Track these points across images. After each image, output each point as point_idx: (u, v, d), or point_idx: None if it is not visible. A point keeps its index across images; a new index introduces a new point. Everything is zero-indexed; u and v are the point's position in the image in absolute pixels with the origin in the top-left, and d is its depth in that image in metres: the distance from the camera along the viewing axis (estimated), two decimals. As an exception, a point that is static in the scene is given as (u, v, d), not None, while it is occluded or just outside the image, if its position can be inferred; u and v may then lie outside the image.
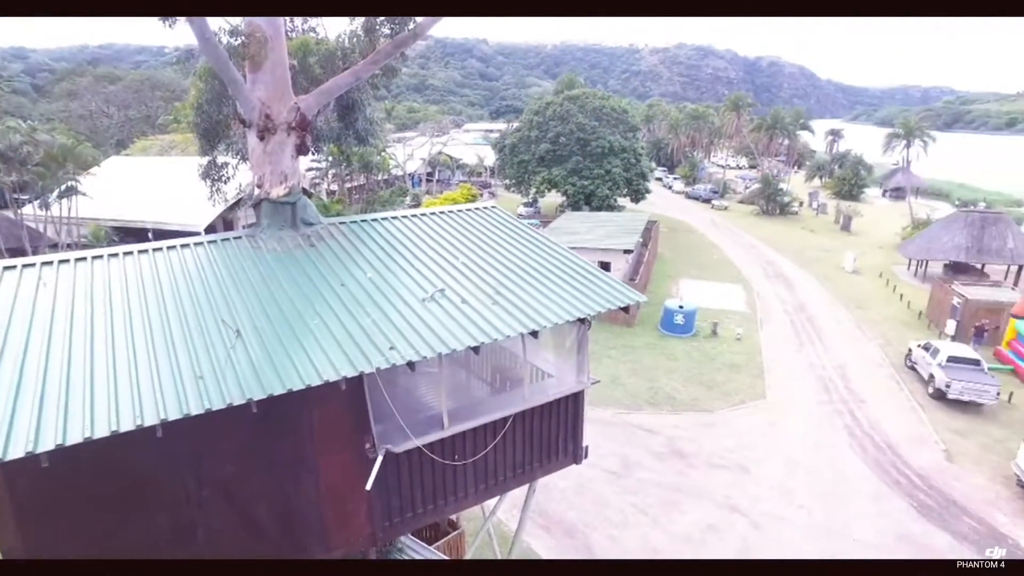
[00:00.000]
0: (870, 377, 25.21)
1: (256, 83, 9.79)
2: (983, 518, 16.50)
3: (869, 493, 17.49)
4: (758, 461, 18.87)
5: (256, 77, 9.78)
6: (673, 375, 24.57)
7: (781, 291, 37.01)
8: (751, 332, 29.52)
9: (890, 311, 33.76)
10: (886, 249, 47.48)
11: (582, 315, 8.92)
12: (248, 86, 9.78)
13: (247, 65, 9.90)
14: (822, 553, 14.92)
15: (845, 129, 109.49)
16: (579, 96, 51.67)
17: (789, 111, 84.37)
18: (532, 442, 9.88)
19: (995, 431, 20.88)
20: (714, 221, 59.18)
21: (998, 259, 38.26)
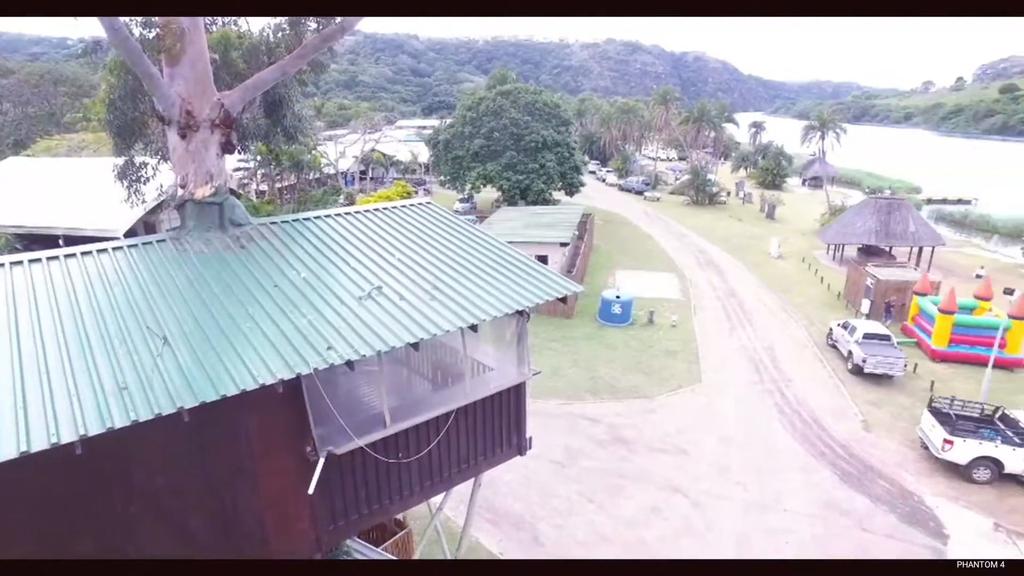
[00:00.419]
0: (796, 356, 26.58)
1: (175, 78, 9.34)
2: (894, 479, 17.80)
3: (798, 465, 18.46)
4: (696, 442, 19.58)
5: (174, 72, 9.33)
6: (613, 364, 25.13)
7: (712, 278, 38.43)
8: (686, 319, 30.54)
9: (812, 293, 35.67)
10: (807, 235, 50.08)
11: (520, 307, 9.02)
12: (166, 81, 9.32)
13: (164, 59, 9.44)
14: (755, 525, 15.66)
15: (767, 122, 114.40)
16: (512, 91, 51.89)
17: (714, 104, 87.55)
18: (476, 436, 9.93)
19: (903, 400, 22.46)
20: (647, 212, 60.76)
21: (902, 242, 41.11)
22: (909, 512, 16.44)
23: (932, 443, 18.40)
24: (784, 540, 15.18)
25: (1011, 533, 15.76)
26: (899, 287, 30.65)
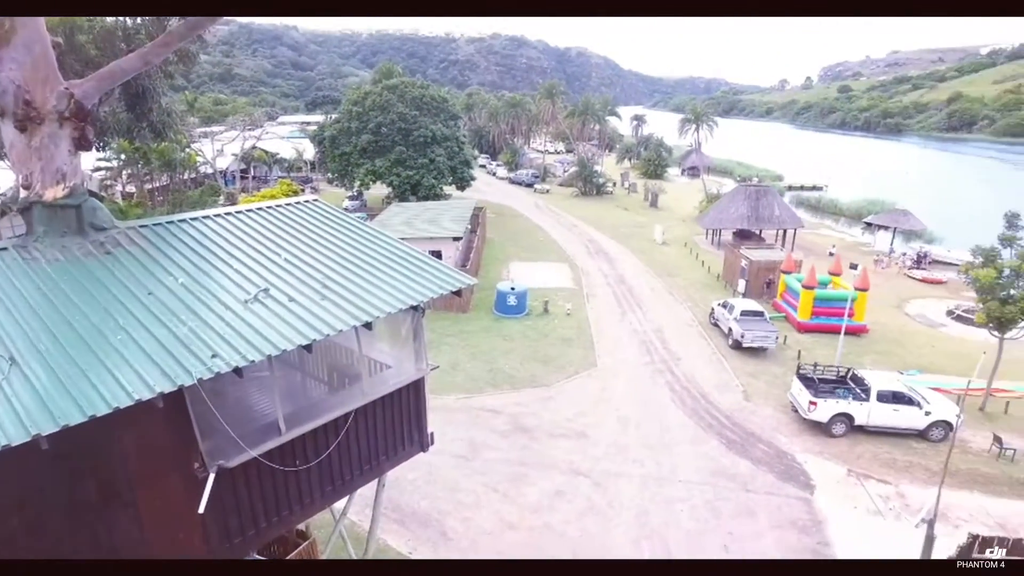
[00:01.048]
0: (683, 336, 28.32)
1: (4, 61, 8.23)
2: (771, 442, 19.54)
3: (689, 438, 19.74)
4: (595, 425, 20.38)
5: (4, 54, 8.24)
6: (511, 355, 25.54)
7: (603, 266, 40.00)
8: (579, 307, 31.60)
9: (695, 276, 38.11)
10: (687, 221, 53.35)
11: (415, 302, 8.95)
12: (-7, 64, 8.20)
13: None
14: (653, 497, 16.58)
15: (647, 115, 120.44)
16: (398, 86, 51.01)
17: (598, 98, 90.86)
18: (377, 436, 9.76)
19: (776, 369, 24.64)
20: (537, 204, 62.07)
21: (770, 225, 45.03)
22: (784, 470, 18.09)
23: (800, 406, 20.36)
24: (680, 508, 16.19)
25: (859, 476, 17.83)
26: (769, 267, 33.48)
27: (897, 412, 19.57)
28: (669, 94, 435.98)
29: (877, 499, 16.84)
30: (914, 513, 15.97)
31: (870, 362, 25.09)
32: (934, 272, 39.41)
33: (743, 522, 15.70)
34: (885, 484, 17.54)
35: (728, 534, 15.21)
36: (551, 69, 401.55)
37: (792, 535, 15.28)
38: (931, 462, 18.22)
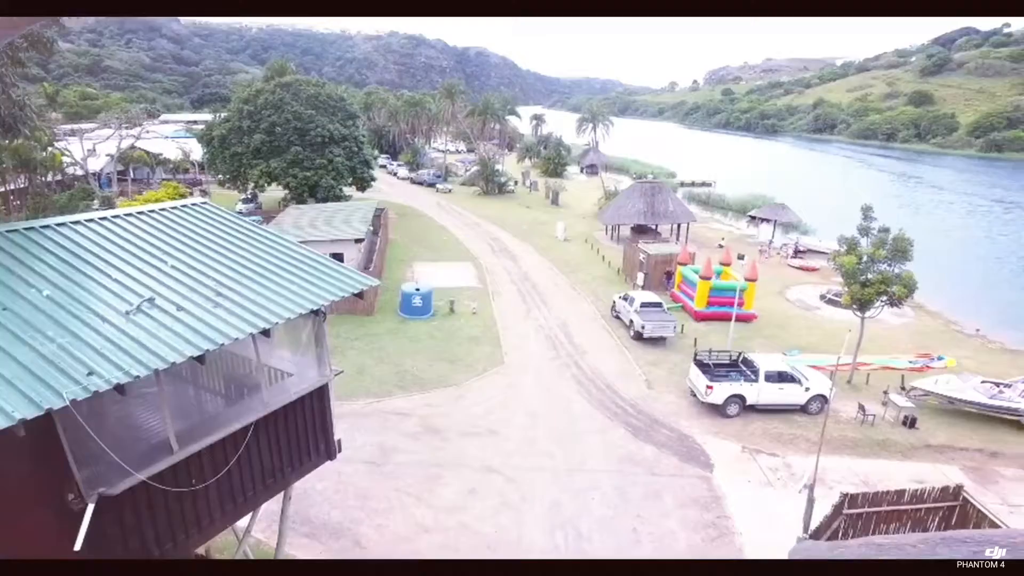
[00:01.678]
0: (587, 329, 29.18)
1: None
2: (673, 427, 20.60)
3: (596, 428, 20.38)
4: (505, 421, 20.58)
5: None
6: (418, 356, 25.27)
7: (507, 264, 40.43)
8: (485, 305, 31.77)
9: (596, 271, 39.36)
10: (588, 218, 54.96)
11: (315, 306, 8.66)
12: None
13: None
14: (565, 488, 17.00)
15: (546, 114, 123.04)
16: (293, 83, 48.86)
17: (498, 98, 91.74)
18: (280, 447, 9.35)
19: (675, 357, 25.97)
20: (440, 204, 61.75)
21: (665, 220, 47.37)
22: (686, 451, 19.12)
23: (698, 390, 21.58)
24: (591, 497, 16.69)
25: (752, 451, 19.20)
26: (666, 260, 35.18)
27: (782, 390, 21.23)
28: (567, 94, 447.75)
29: (767, 471, 18.20)
30: (798, 480, 17.42)
31: (758, 346, 26.98)
32: (809, 261, 43.03)
33: (650, 504, 16.44)
34: (774, 457, 18.98)
35: (637, 517, 15.88)
36: (450, 68, 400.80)
37: (695, 512, 16.19)
38: (811, 433, 19.89)
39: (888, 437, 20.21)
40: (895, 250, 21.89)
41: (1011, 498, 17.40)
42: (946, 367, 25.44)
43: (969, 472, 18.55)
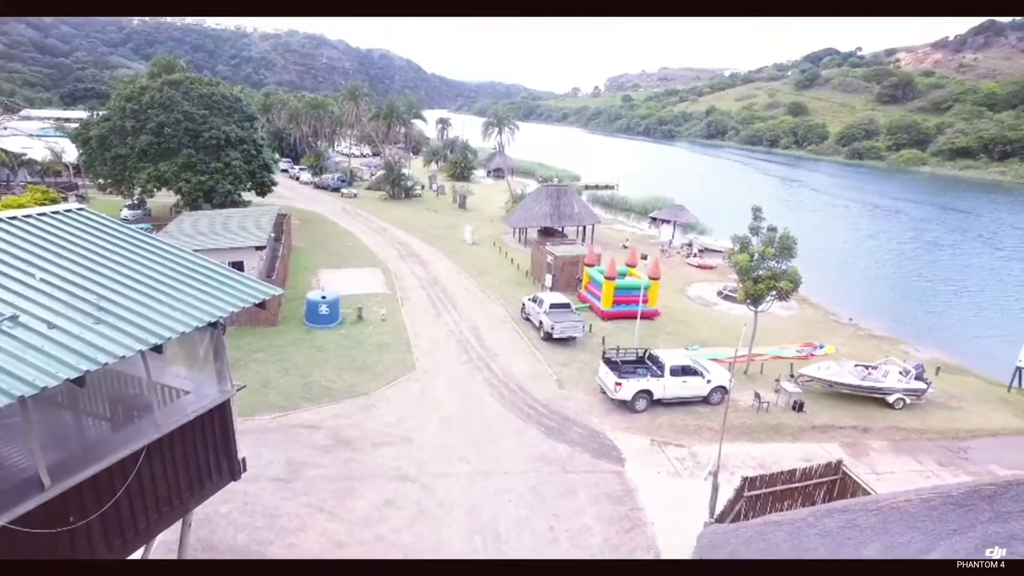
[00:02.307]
0: (498, 332, 29.33)
1: None
2: (585, 424, 21.10)
3: (510, 430, 20.49)
4: (419, 428, 20.26)
5: None
6: (326, 366, 24.42)
7: (416, 268, 39.94)
8: (394, 311, 31.21)
9: (505, 274, 39.67)
10: (495, 221, 55.34)
11: (213, 319, 8.13)
12: None
13: None
14: (481, 492, 16.95)
15: (452, 118, 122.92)
16: (182, 81, 45.75)
17: (403, 101, 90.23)
18: (177, 471, 8.69)
19: (585, 357, 26.63)
20: (345, 209, 60.12)
21: (571, 222, 48.57)
22: (598, 448, 19.62)
23: (607, 387, 22.23)
24: (507, 499, 16.74)
25: (660, 444, 20.02)
26: (573, 261, 36.02)
27: (686, 383, 22.29)
28: (472, 98, 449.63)
29: (675, 462, 19.03)
30: (703, 468, 18.35)
31: (663, 342, 28.19)
32: (707, 259, 45.55)
33: (566, 502, 16.73)
34: (681, 447, 19.89)
35: (553, 515, 16.10)
36: (354, 70, 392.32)
37: (609, 506, 16.64)
38: (713, 423, 21.02)
39: (780, 421, 21.74)
40: (782, 248, 23.59)
41: (878, 467, 19.25)
42: (827, 354, 27.70)
43: (846, 448, 20.30)
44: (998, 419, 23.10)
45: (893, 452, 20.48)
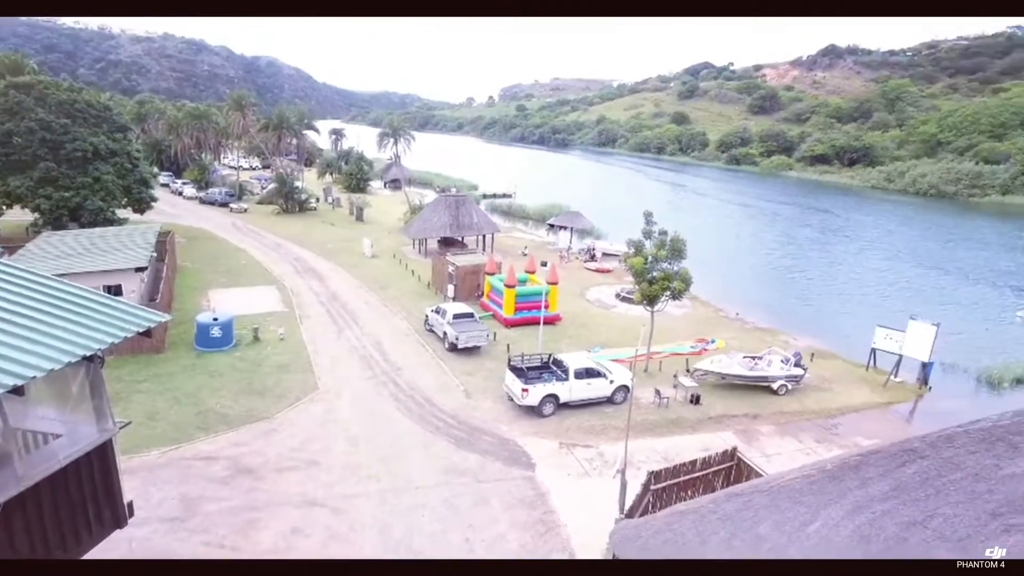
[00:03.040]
0: (402, 346, 28.85)
1: None
2: (495, 432, 21.21)
3: (419, 444, 20.20)
4: (325, 450, 19.51)
5: None
6: (221, 392, 22.96)
7: (314, 284, 38.53)
8: (293, 330, 29.92)
9: (406, 286, 39.14)
10: (394, 233, 54.49)
11: (88, 352, 7.42)
12: None
13: None
14: (393, 510, 16.58)
15: (345, 128, 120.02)
16: (35, 85, 41.35)
17: (293, 111, 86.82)
18: (47, 525, 7.82)
19: (491, 365, 26.78)
20: (235, 225, 57.00)
21: (470, 232, 48.81)
22: (509, 455, 19.77)
23: (514, 394, 22.47)
24: (420, 514, 16.47)
25: (569, 446, 20.51)
26: (474, 271, 36.15)
27: (590, 385, 22.97)
28: (366, 108, 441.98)
29: (584, 462, 19.54)
30: (611, 466, 18.98)
31: (566, 346, 28.90)
32: (604, 263, 47.25)
33: (480, 511, 16.71)
34: (588, 448, 20.46)
35: (469, 526, 16.03)
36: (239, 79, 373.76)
37: (523, 512, 16.80)
38: (618, 422, 21.81)
39: (680, 415, 22.93)
40: (673, 250, 24.97)
41: (768, 450, 20.81)
42: (718, 348, 29.56)
43: (740, 435, 21.76)
44: (860, 396, 25.68)
45: (779, 435, 22.19)
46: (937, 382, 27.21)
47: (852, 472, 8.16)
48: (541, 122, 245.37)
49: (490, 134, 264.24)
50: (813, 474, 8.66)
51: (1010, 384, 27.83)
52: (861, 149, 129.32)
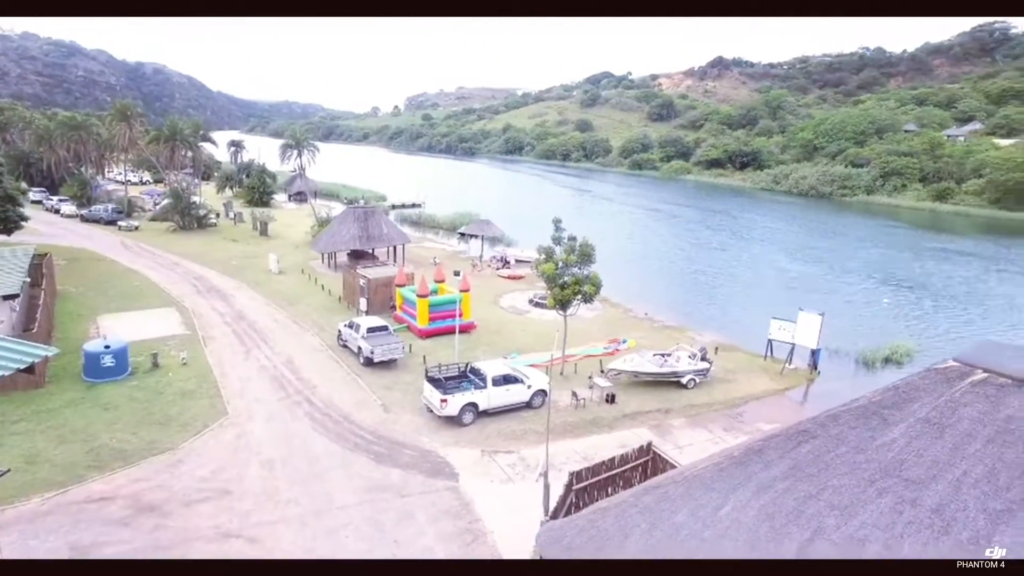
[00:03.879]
0: (315, 363, 27.95)
1: None
2: (416, 445, 20.99)
3: (339, 463, 19.63)
4: (238, 478, 18.54)
5: None
6: (117, 425, 21.27)
7: (217, 304, 36.56)
8: (197, 353, 28.24)
9: (317, 301, 37.95)
10: (301, 247, 52.72)
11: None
12: None
13: None
14: (315, 534, 16.02)
15: (245, 140, 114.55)
16: None
17: (187, 122, 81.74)
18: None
19: (407, 377, 26.48)
20: (125, 244, 53.08)
21: (380, 243, 48.10)
22: (431, 467, 19.60)
23: (433, 405, 22.33)
24: (344, 535, 16.01)
25: (490, 453, 20.66)
26: (385, 283, 35.60)
27: (508, 391, 23.21)
28: (266, 119, 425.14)
29: (507, 468, 19.72)
30: (533, 470, 19.28)
31: (482, 353, 29.03)
32: (516, 270, 47.89)
33: (405, 526, 16.47)
34: (510, 454, 20.66)
35: (394, 543, 15.76)
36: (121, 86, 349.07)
37: (448, 523, 16.71)
38: (537, 425, 22.16)
39: (597, 415, 23.64)
40: (583, 255, 25.74)
41: (680, 442, 21.89)
42: (630, 347, 30.71)
43: (654, 430, 22.74)
44: (760, 385, 27.54)
45: (690, 427, 23.38)
46: (825, 366, 29.68)
47: (756, 456, 8.83)
48: (448, 131, 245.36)
49: (397, 144, 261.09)
50: (722, 461, 9.28)
51: (881, 363, 30.83)
52: (750, 153, 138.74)
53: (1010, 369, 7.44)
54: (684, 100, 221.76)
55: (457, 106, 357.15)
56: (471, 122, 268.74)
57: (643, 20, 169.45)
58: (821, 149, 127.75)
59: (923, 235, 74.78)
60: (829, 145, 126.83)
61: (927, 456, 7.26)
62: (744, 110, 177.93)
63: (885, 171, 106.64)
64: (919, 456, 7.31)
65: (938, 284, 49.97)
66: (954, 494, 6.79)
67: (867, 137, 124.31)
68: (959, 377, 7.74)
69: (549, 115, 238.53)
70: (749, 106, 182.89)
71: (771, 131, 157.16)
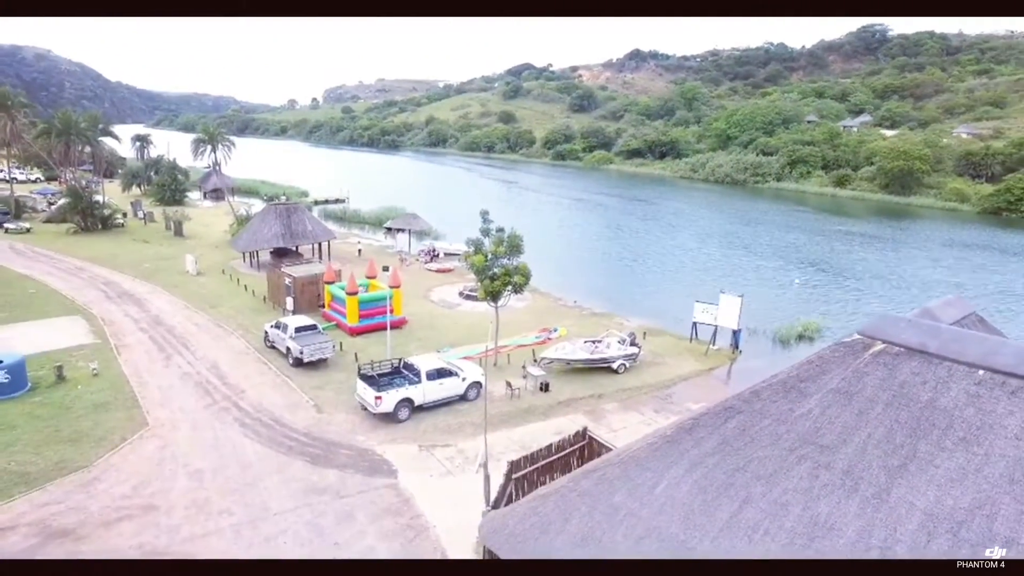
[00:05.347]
0: (241, 367, 26.91)
1: None
2: (352, 444, 20.70)
3: (273, 468, 19.06)
4: (163, 491, 17.66)
5: None
6: (15, 447, 19.62)
7: (131, 310, 34.45)
8: (109, 363, 26.55)
9: (240, 303, 36.46)
10: (221, 247, 50.38)
11: None
12: None
13: None
14: (252, 542, 15.52)
15: (152, 134, 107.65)
16: None
17: (83, 115, 75.73)
18: None
19: (339, 376, 25.98)
20: (15, 248, 48.99)
21: (305, 240, 46.77)
22: (369, 465, 19.38)
23: (367, 403, 22.05)
24: (283, 541, 15.60)
25: (428, 448, 20.66)
26: (312, 280, 34.65)
27: (443, 385, 23.21)
28: (174, 112, 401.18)
29: (445, 462, 19.77)
30: (473, 462, 19.42)
31: (415, 348, 28.84)
32: (445, 263, 47.67)
33: (345, 527, 16.24)
34: (448, 447, 20.71)
35: (335, 545, 15.51)
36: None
37: (389, 521, 16.60)
38: (474, 417, 22.31)
39: (531, 404, 24.03)
40: (511, 246, 26.01)
41: (614, 425, 22.60)
42: (561, 336, 31.32)
43: (588, 415, 23.38)
44: (687, 366, 28.81)
45: (623, 410, 24.18)
46: (745, 346, 31.38)
47: (687, 434, 9.32)
48: (369, 124, 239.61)
49: (317, 138, 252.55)
50: (655, 442, 9.73)
51: (795, 340, 32.95)
52: (668, 143, 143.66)
53: (904, 339, 8.23)
54: (604, 92, 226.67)
55: (378, 99, 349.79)
56: (393, 115, 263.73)
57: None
58: (734, 139, 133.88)
59: (827, 218, 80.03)
60: (741, 135, 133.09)
61: (838, 423, 7.94)
62: (662, 101, 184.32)
63: (792, 159, 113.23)
64: (831, 423, 7.98)
65: (842, 263, 53.78)
66: (860, 456, 7.49)
67: (775, 127, 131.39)
68: (863, 349, 8.48)
69: (472, 107, 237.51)
70: (666, 97, 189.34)
71: (687, 121, 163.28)
